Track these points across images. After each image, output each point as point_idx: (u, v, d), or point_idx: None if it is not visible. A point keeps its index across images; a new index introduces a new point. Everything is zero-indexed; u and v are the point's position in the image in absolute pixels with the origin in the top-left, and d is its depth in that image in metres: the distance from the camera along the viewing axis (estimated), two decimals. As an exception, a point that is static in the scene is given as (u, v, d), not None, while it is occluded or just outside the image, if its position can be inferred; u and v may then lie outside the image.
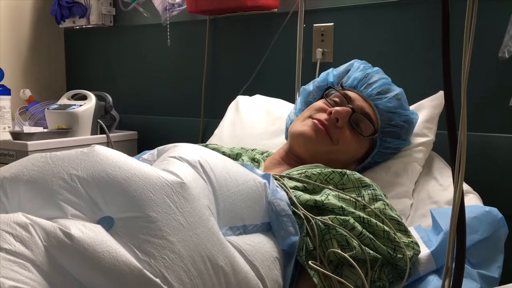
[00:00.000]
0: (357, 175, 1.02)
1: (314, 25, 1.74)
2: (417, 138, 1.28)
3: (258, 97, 1.68)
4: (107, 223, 0.70)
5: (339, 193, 0.95)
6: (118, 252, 0.65)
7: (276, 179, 0.97)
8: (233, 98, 1.76)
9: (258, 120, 1.53)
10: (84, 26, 2.30)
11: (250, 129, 1.49)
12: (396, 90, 1.22)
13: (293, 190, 0.95)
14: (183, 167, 0.80)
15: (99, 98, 2.04)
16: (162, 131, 2.17)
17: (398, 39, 1.59)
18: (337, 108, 1.13)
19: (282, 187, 0.93)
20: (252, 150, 1.31)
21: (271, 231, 0.87)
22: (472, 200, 1.12)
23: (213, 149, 1.19)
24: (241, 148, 1.32)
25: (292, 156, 1.18)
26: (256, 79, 1.87)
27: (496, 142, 1.39)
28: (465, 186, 1.18)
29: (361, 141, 1.17)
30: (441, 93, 1.35)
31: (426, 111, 1.32)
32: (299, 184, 0.98)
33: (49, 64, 2.48)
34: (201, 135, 2.04)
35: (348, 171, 1.02)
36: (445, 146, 1.34)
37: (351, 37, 1.69)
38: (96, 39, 2.42)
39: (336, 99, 1.19)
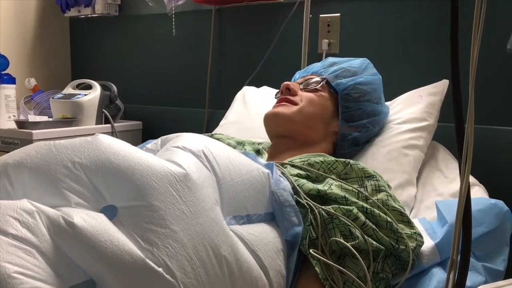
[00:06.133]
0: (361, 165, 1.01)
1: (321, 15, 1.73)
2: (416, 123, 1.26)
3: (265, 88, 1.67)
4: (111, 212, 0.70)
5: (342, 183, 0.95)
6: (120, 241, 0.65)
7: (278, 166, 0.97)
8: (238, 89, 1.74)
9: (265, 112, 1.52)
10: (89, 15, 2.29)
11: (257, 122, 1.48)
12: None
13: (296, 178, 0.94)
14: (187, 156, 0.80)
15: (104, 87, 2.04)
16: (167, 122, 2.16)
17: (406, 30, 1.58)
18: (284, 82, 1.22)
19: (285, 176, 0.93)
20: (259, 144, 1.30)
21: (274, 221, 0.87)
22: (478, 193, 1.11)
23: (218, 139, 1.18)
24: (248, 140, 1.31)
25: (278, 142, 1.20)
26: (261, 70, 1.85)
27: (503, 135, 1.38)
28: (471, 179, 1.17)
29: (320, 94, 1.21)
30: (444, 81, 1.34)
31: (426, 96, 1.31)
32: (302, 172, 0.97)
33: (54, 53, 2.47)
34: (205, 126, 2.03)
35: (351, 161, 1.01)
36: (451, 139, 1.32)
37: (358, 28, 1.67)
38: (101, 29, 2.41)
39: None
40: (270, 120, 1.20)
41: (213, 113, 2.01)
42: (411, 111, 1.28)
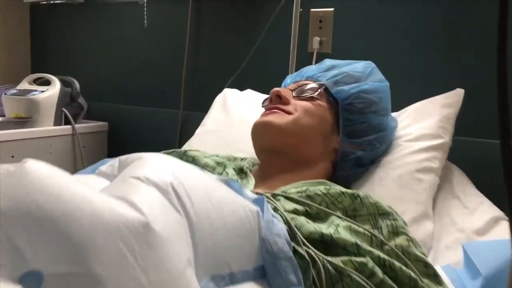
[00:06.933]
0: (372, 198, 0.82)
1: (312, 10, 1.59)
2: (430, 140, 1.08)
3: (249, 92, 1.48)
4: (35, 281, 0.49)
5: (351, 224, 0.75)
6: None
7: (269, 199, 0.76)
8: (217, 89, 1.58)
9: (249, 120, 1.31)
10: (51, 2, 2.17)
11: (240, 132, 1.27)
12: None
13: (293, 216, 0.74)
14: (149, 194, 0.59)
15: (64, 83, 1.86)
16: (136, 123, 2.00)
17: (409, 29, 1.45)
18: (274, 88, 1.03)
19: (278, 213, 0.73)
20: (242, 160, 1.10)
21: (266, 278, 0.66)
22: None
23: (193, 158, 0.97)
24: (228, 155, 1.11)
25: (268, 159, 1.00)
26: (245, 70, 1.71)
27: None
28: (496, 210, 1.00)
29: (317, 103, 1.02)
30: (458, 91, 1.17)
31: (440, 109, 1.14)
32: (299, 207, 0.78)
33: (12, 44, 2.26)
34: (179, 129, 1.87)
35: (361, 193, 0.82)
36: (465, 156, 1.11)
37: (354, 25, 1.54)
38: (64, 17, 2.22)
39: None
40: (259, 131, 1.00)
41: (189, 115, 1.86)
42: (422, 126, 1.10)
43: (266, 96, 1.46)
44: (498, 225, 0.95)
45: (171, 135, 1.87)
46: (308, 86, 1.04)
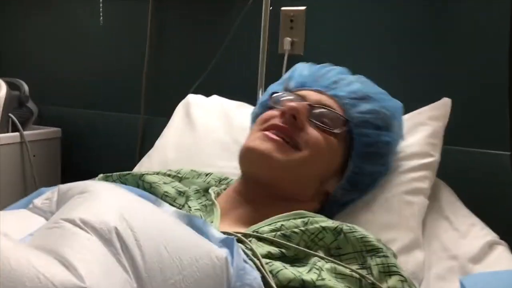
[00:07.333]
0: (358, 231, 0.71)
1: (282, 8, 1.52)
2: (418, 160, 0.99)
3: (216, 98, 1.36)
4: None
5: (335, 265, 0.64)
6: None
7: (240, 241, 0.65)
8: (182, 93, 1.48)
9: (216, 131, 1.20)
10: None
11: (204, 143, 1.15)
12: (356, 76, 1.00)
13: (267, 261, 0.63)
14: (88, 247, 0.48)
15: (11, 86, 1.72)
16: (92, 129, 1.88)
17: (389, 29, 1.41)
18: (290, 103, 0.88)
19: (250, 258, 0.61)
20: (207, 175, 0.98)
21: None
22: (505, 255, 0.86)
23: (150, 185, 0.84)
24: (192, 170, 0.99)
25: (252, 186, 0.87)
26: (211, 73, 1.61)
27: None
28: (491, 235, 0.92)
29: (333, 141, 0.88)
30: (445, 101, 1.09)
31: (428, 122, 1.05)
32: (274, 249, 0.67)
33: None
34: (140, 136, 1.77)
35: (344, 227, 0.72)
36: (451, 167, 1.04)
37: (328, 24, 1.48)
38: (10, 11, 2.07)
39: (287, 102, 0.91)
40: (253, 161, 0.85)
41: (150, 121, 1.76)
42: (410, 144, 1.01)
43: (236, 103, 1.36)
44: (493, 251, 0.87)
45: (131, 142, 1.76)
46: (332, 115, 0.89)
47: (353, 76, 0.98)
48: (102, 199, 0.56)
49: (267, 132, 0.85)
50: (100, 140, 1.85)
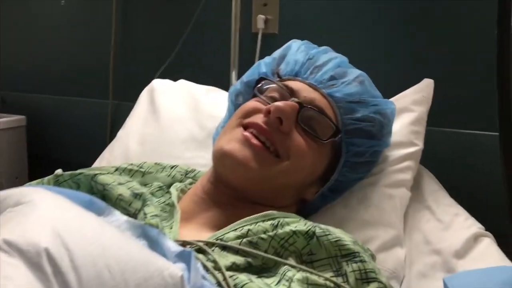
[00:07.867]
0: (332, 234, 0.66)
1: None
2: (401, 149, 0.93)
3: (183, 83, 1.27)
4: None
5: (307, 274, 0.59)
6: None
7: (200, 251, 0.58)
8: (151, 76, 1.40)
9: (182, 120, 1.11)
10: None
11: (170, 133, 1.07)
12: (356, 71, 0.90)
13: (231, 274, 0.57)
14: (11, 274, 0.42)
15: None
16: (59, 115, 1.83)
17: (369, 6, 1.32)
18: (277, 103, 0.78)
19: (211, 272, 0.55)
20: (172, 168, 0.91)
21: None
22: (491, 249, 0.81)
23: (104, 187, 0.76)
24: (155, 164, 0.91)
25: (222, 188, 0.79)
26: (179, 55, 1.54)
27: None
28: (476, 226, 0.87)
29: (319, 149, 0.81)
30: (428, 82, 1.03)
31: (411, 107, 0.99)
32: (239, 259, 0.61)
33: None
34: (109, 122, 1.70)
35: (317, 229, 0.66)
36: (432, 151, 0.99)
37: (304, 1, 1.40)
38: None
39: (274, 93, 0.83)
40: (228, 167, 0.78)
41: (119, 106, 1.70)
42: (393, 132, 0.93)
43: (205, 87, 1.27)
44: (478, 244, 0.82)
45: (100, 129, 1.69)
46: (322, 122, 0.81)
47: (353, 70, 0.90)
48: (36, 214, 0.49)
49: (247, 133, 0.77)
50: (68, 128, 1.79)
